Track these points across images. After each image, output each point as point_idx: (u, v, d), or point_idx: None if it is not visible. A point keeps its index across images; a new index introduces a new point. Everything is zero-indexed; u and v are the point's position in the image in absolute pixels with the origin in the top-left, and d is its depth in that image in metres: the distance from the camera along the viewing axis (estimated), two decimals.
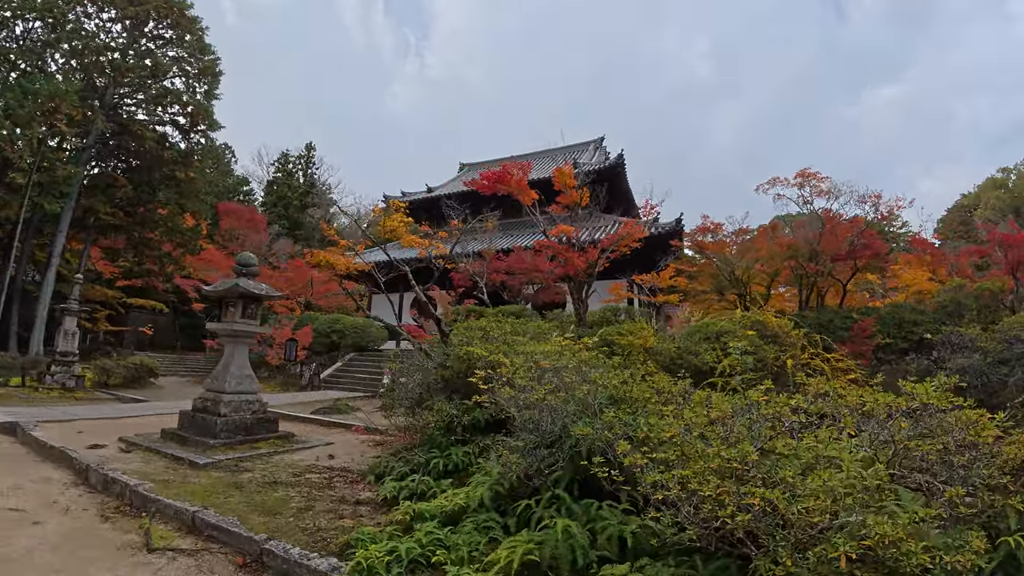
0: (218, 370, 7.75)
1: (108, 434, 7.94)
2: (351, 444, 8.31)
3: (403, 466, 5.98)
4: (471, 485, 4.82)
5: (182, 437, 7.19)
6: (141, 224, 21.54)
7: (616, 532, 3.53)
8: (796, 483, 2.75)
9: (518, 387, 4.72)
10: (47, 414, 9.42)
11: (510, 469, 4.32)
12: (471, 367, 7.19)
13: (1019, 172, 26.20)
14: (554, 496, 4.03)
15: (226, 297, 7.88)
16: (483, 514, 4.20)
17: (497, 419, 6.56)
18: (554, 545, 3.43)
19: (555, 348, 5.47)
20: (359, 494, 5.56)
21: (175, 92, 20.88)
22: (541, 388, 4.48)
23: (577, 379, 4.60)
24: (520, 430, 4.80)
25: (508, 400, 4.74)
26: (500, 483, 4.42)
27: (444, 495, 4.81)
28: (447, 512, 4.32)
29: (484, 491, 4.41)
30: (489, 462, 5.42)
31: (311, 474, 6.28)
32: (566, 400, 4.42)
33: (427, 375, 7.06)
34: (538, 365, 4.96)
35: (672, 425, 3.69)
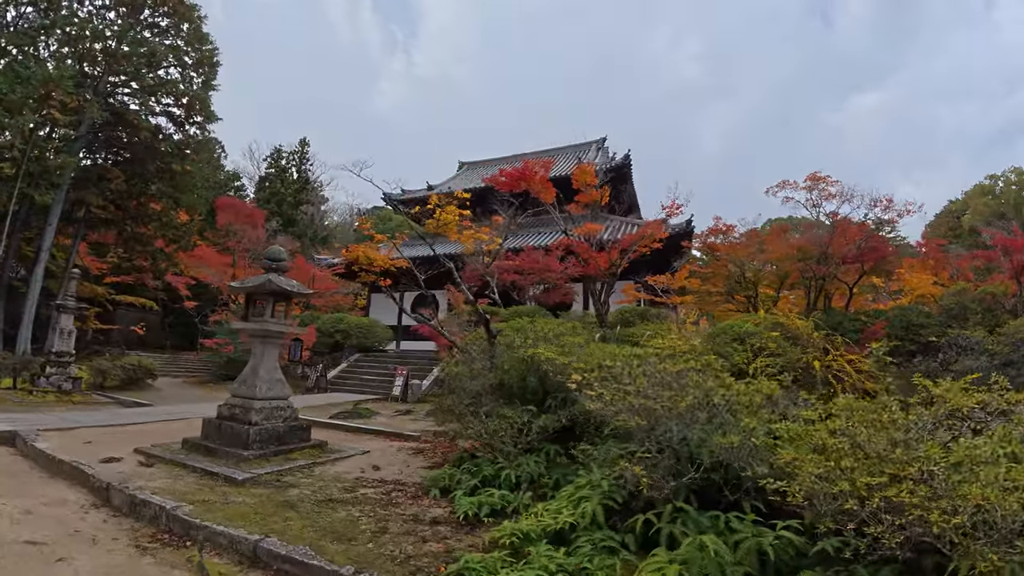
0: (246, 374, 6.98)
1: (119, 444, 7.11)
2: (388, 453, 7.63)
3: (470, 478, 5.45)
4: (565, 499, 4.34)
5: (209, 448, 6.41)
6: (133, 218, 20.33)
7: (754, 545, 3.25)
8: (998, 480, 2.62)
9: (637, 392, 4.18)
10: (46, 421, 8.50)
11: (629, 481, 3.88)
12: (536, 370, 6.62)
13: (1007, 179, 26.68)
14: (676, 509, 3.74)
15: (254, 294, 7.12)
16: (597, 532, 3.77)
17: (565, 426, 6.01)
18: (702, 564, 3.14)
19: (664, 349, 4.93)
20: (429, 511, 4.94)
21: (171, 82, 19.75)
22: (684, 396, 3.98)
23: (707, 384, 4.09)
24: (627, 439, 4.51)
25: (626, 406, 4.18)
26: (612, 497, 4.03)
27: (534, 511, 4.31)
28: (552, 531, 3.86)
29: (595, 506, 3.96)
30: (573, 473, 5.08)
31: (365, 489, 5.60)
32: (696, 407, 3.90)
33: (483, 380, 6.40)
34: (665, 370, 4.41)
35: (819, 431, 3.46)
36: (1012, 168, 26.69)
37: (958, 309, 17.24)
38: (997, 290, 16.81)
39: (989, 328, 15.87)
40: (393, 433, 8.94)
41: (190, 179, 20.84)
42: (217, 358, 19.08)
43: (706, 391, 4.16)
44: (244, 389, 6.81)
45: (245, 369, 7.07)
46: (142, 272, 22.70)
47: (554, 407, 6.35)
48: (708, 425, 4.09)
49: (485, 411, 6.32)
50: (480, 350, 7.44)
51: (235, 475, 5.53)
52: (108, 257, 22.57)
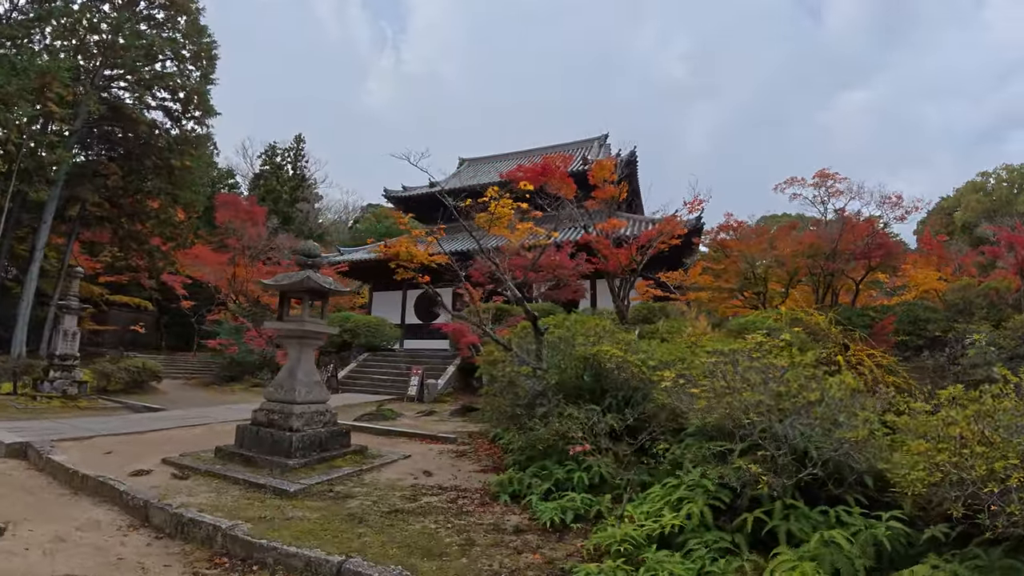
0: (282, 377, 6.48)
1: (143, 454, 6.57)
2: (430, 457, 7.19)
3: (541, 483, 5.12)
4: (659, 501, 4.14)
5: (246, 457, 5.91)
6: (130, 216, 19.50)
7: (869, 537, 3.26)
8: None
9: (744, 388, 3.90)
10: (56, 429, 7.88)
11: (738, 479, 3.77)
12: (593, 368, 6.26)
13: (998, 176, 27.03)
14: (786, 506, 3.64)
15: (289, 292, 6.63)
16: (707, 534, 3.66)
17: (630, 426, 5.66)
18: (831, 559, 3.10)
19: (750, 346, 4.59)
20: (507, 519, 4.58)
21: (169, 75, 18.94)
22: (807, 392, 3.92)
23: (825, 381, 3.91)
24: (717, 437, 4.47)
25: (738, 402, 3.90)
26: (717, 496, 3.91)
27: (623, 515, 4.21)
28: (657, 535, 3.71)
29: (701, 507, 3.82)
30: (645, 474, 4.98)
31: (427, 497, 5.20)
32: (815, 403, 3.86)
33: (542, 379, 6.00)
34: (774, 365, 4.15)
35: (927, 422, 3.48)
36: (1003, 165, 27.12)
37: (963, 304, 17.27)
38: (1000, 285, 16.87)
39: (994, 323, 15.88)
40: (426, 435, 8.50)
41: (189, 175, 20.04)
42: (220, 359, 18.36)
43: (824, 387, 3.99)
44: (281, 393, 6.32)
45: (280, 372, 6.57)
46: (138, 271, 21.82)
47: (615, 406, 6.02)
48: (821, 420, 3.94)
49: (543, 412, 5.94)
50: (527, 350, 7.02)
51: (285, 487, 5.05)
52: (101, 256, 21.66)
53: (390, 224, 45.54)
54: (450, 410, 11.71)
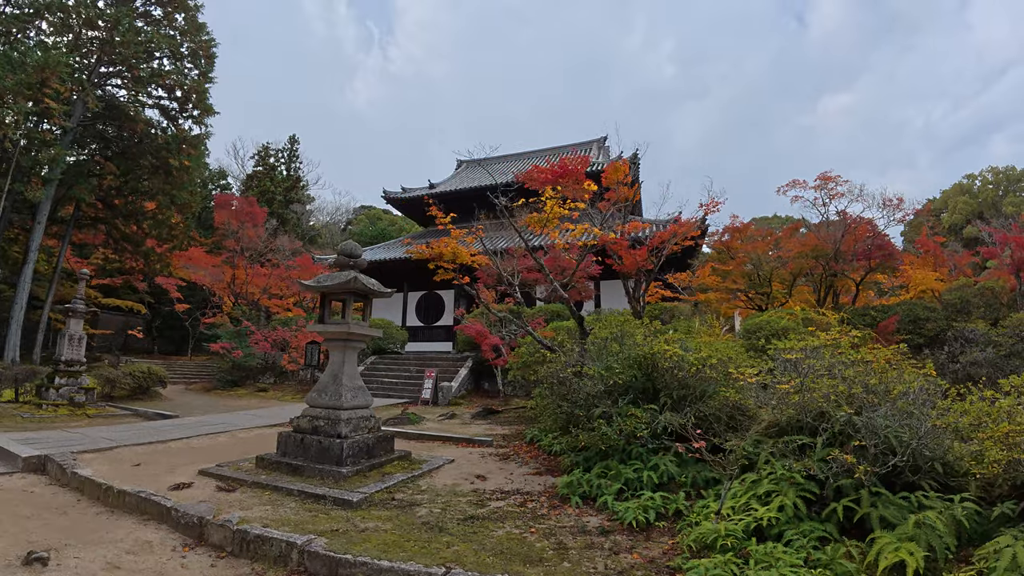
0: (325, 382, 6.18)
1: (175, 466, 6.21)
2: (474, 460, 6.97)
3: (610, 483, 5.07)
4: (744, 495, 4.23)
5: (293, 466, 5.60)
6: (125, 217, 18.79)
7: (949, 517, 3.48)
8: None
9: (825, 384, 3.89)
10: (72, 440, 7.44)
11: (832, 471, 3.90)
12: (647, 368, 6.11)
13: (984, 178, 27.74)
14: (872, 493, 3.81)
15: (331, 294, 6.34)
16: (802, 524, 3.79)
17: (688, 424, 5.54)
18: (926, 538, 3.31)
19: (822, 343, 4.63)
20: (586, 520, 4.45)
21: (167, 72, 18.32)
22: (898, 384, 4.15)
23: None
24: (788, 432, 4.65)
25: (818, 396, 4.19)
26: (807, 488, 4.02)
27: (705, 510, 4.27)
28: (753, 528, 3.82)
29: (793, 499, 3.93)
30: (709, 471, 5.03)
31: (494, 502, 5.01)
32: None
33: (598, 381, 5.82)
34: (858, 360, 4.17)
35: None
36: (989, 168, 27.80)
37: (961, 304, 17.61)
38: (996, 285, 17.24)
39: (991, 321, 16.19)
40: (460, 439, 8.25)
41: (187, 175, 19.41)
42: (221, 363, 17.80)
43: (907, 381, 4.20)
44: (326, 399, 6.02)
45: (323, 377, 6.26)
46: (131, 274, 21.07)
47: (669, 404, 5.90)
48: (899, 411, 4.11)
49: (600, 412, 5.77)
50: (581, 351, 6.82)
51: (347, 496, 4.77)
52: (92, 258, 20.87)
53: (384, 226, 45.02)
54: (471, 413, 11.46)
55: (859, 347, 5.29)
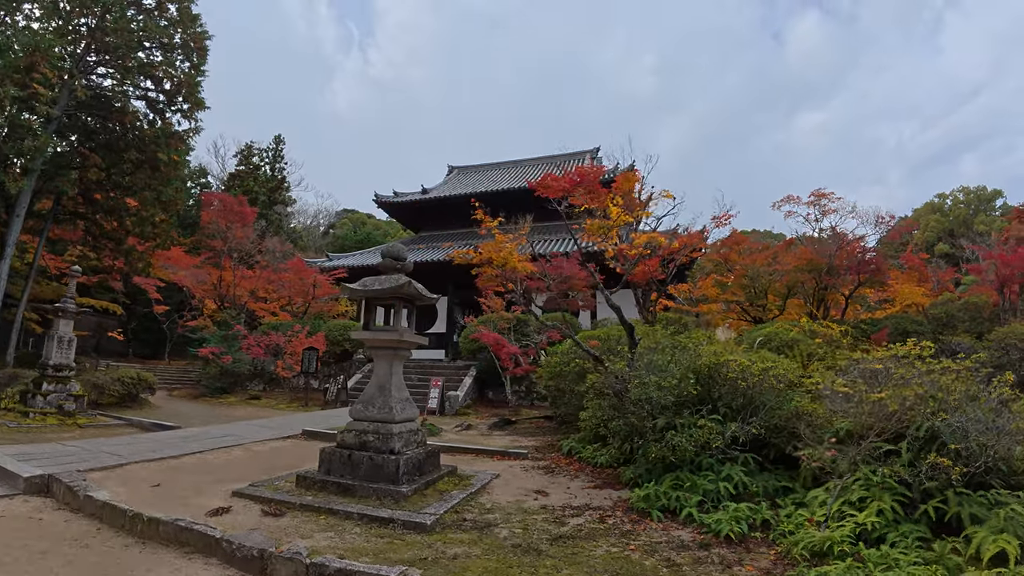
0: (371, 393, 5.74)
1: (200, 486, 5.62)
2: (518, 474, 6.65)
3: (689, 495, 4.95)
4: (836, 503, 4.28)
5: (342, 486, 5.14)
6: (107, 213, 17.66)
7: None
8: None
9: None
10: (71, 454, 6.72)
11: (923, 474, 4.07)
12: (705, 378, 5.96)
13: (955, 197, 29.09)
14: (957, 493, 4.02)
15: (377, 299, 5.92)
16: (900, 527, 3.95)
17: (756, 436, 5.50)
18: (1015, 530, 3.54)
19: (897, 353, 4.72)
20: (677, 535, 4.36)
21: (158, 64, 17.40)
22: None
23: None
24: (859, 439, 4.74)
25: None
26: (901, 493, 4.19)
27: (796, 518, 4.34)
28: (856, 533, 3.93)
29: (890, 503, 4.08)
30: (777, 480, 5.16)
31: (571, 519, 4.76)
32: None
33: (663, 392, 5.59)
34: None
35: None
36: (961, 187, 29.24)
37: (946, 318, 18.24)
38: (979, 300, 17.95)
39: (976, 334, 16.75)
40: (494, 452, 7.87)
41: (174, 171, 18.44)
42: (209, 369, 16.84)
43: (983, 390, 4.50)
44: (374, 411, 5.58)
45: (369, 388, 5.82)
46: (108, 272, 19.79)
47: (728, 415, 5.77)
48: (985, 417, 4.24)
49: (663, 424, 5.56)
50: (648, 363, 6.57)
51: (417, 519, 4.36)
52: (67, 255, 19.53)
53: (369, 231, 44.09)
54: (486, 424, 11.05)
55: (925, 358, 5.36)
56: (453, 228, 26.16)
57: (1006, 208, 27.83)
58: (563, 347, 9.23)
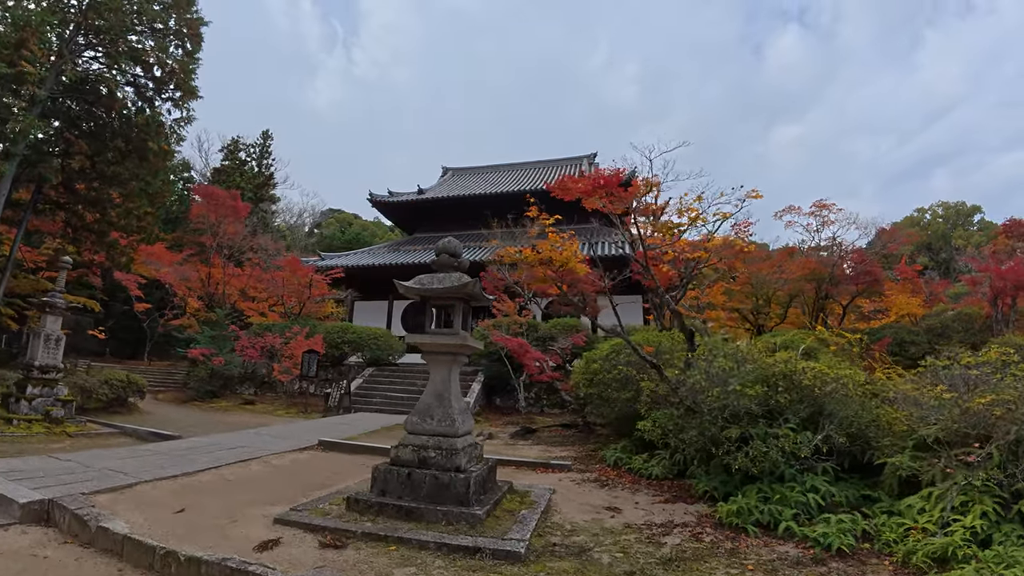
0: (428, 404, 5.12)
1: (231, 510, 4.89)
2: (571, 487, 6.21)
3: (781, 507, 4.67)
4: (936, 510, 4.21)
5: (404, 509, 4.51)
6: (91, 204, 16.43)
7: None
8: None
9: None
10: (65, 471, 5.84)
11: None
12: (772, 386, 5.63)
13: (934, 212, 29.97)
14: None
15: (435, 298, 5.32)
16: (1003, 526, 3.92)
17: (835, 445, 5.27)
18: None
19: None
20: (783, 550, 4.20)
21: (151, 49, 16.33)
22: None
23: None
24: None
25: None
26: (999, 495, 4.18)
27: (898, 528, 4.24)
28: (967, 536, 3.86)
29: (991, 505, 4.07)
30: (861, 489, 5.09)
31: (664, 538, 4.36)
32: None
33: (747, 401, 5.21)
34: None
35: None
36: (939, 202, 30.20)
37: (941, 328, 18.53)
38: (972, 312, 18.33)
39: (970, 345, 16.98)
40: (536, 463, 7.33)
41: (163, 161, 17.31)
42: (198, 371, 15.76)
43: None
44: (433, 424, 4.97)
45: (425, 398, 5.20)
46: (88, 267, 18.45)
47: (799, 422, 5.51)
48: None
49: (736, 434, 5.21)
50: (717, 371, 6.15)
51: (507, 547, 3.78)
52: (43, 248, 18.13)
53: (357, 231, 42.93)
54: (507, 432, 10.48)
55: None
56: (449, 230, 25.45)
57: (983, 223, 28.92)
58: (594, 353, 8.75)
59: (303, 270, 18.03)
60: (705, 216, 7.96)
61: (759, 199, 7.88)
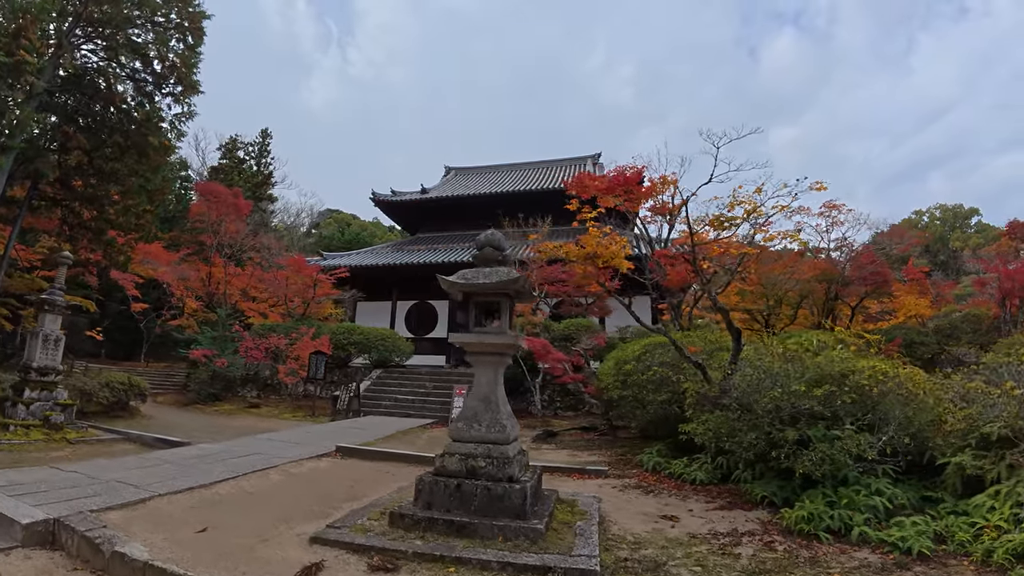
0: (474, 408, 4.68)
1: (259, 528, 4.39)
2: (614, 495, 5.90)
3: (850, 512, 4.47)
4: (1005, 507, 4.07)
5: (455, 524, 4.06)
6: (88, 201, 15.80)
7: None
8: None
9: None
10: (73, 485, 5.30)
11: None
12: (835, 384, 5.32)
13: (931, 214, 30.00)
14: None
15: (479, 294, 4.88)
16: None
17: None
18: None
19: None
20: (863, 557, 3.92)
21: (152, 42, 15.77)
22: None
23: None
24: None
25: None
26: None
27: (967, 525, 4.16)
28: None
29: None
30: (922, 489, 4.96)
31: (736, 548, 4.09)
32: None
33: (802, 399, 4.91)
34: None
35: None
36: (937, 205, 30.27)
37: (950, 329, 18.41)
38: (980, 313, 18.22)
39: (979, 345, 16.88)
40: (571, 469, 6.94)
41: (164, 157, 16.72)
42: (199, 372, 15.16)
43: None
44: (482, 431, 4.53)
45: (470, 401, 4.76)
46: (85, 266, 17.76)
47: (854, 423, 5.22)
48: None
49: (793, 436, 4.91)
50: (770, 372, 5.80)
51: (580, 564, 3.36)
52: (38, 247, 17.45)
53: (356, 231, 42.31)
54: (530, 436, 10.04)
55: None
56: (453, 230, 25.04)
57: (981, 226, 29.04)
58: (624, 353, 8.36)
59: (308, 269, 17.48)
60: (762, 209, 7.53)
61: (822, 190, 7.50)
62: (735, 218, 7.70)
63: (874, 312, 22.06)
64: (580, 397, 12.96)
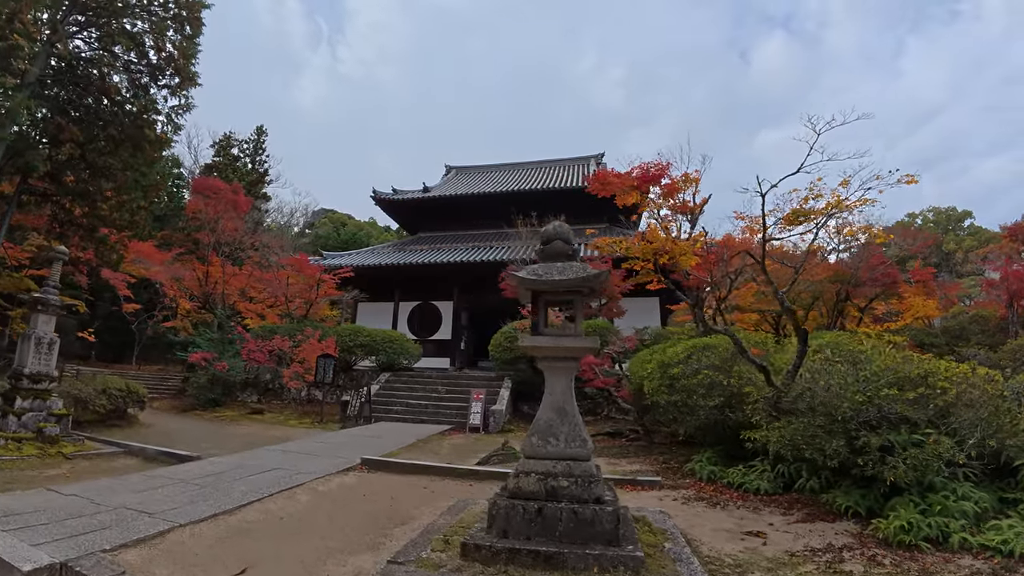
0: (549, 420, 4.10)
1: (304, 562, 3.78)
2: (680, 509, 5.52)
3: (943, 519, 4.26)
4: None
5: (542, 555, 3.48)
6: (80, 196, 14.92)
7: None
8: None
9: None
10: (76, 512, 4.60)
11: None
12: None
13: (925, 217, 30.12)
14: None
15: (550, 292, 4.32)
16: None
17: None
18: None
19: None
20: (970, 564, 3.77)
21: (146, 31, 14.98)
22: None
23: None
24: None
25: None
26: None
27: None
28: None
29: None
30: (998, 491, 4.71)
31: (839, 564, 3.84)
32: None
33: (891, 403, 4.49)
34: None
35: None
36: (931, 207, 30.37)
37: (959, 330, 18.29)
38: (988, 314, 18.13)
39: (987, 346, 16.74)
40: (623, 480, 6.41)
41: (159, 151, 15.91)
42: (198, 377, 14.33)
43: None
44: (560, 445, 3.96)
45: (543, 413, 4.17)
46: (75, 264, 16.80)
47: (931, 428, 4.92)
48: None
49: (877, 442, 4.67)
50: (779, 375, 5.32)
51: None
52: (26, 245, 16.44)
53: (353, 231, 41.38)
54: None
55: None
56: (454, 229, 24.45)
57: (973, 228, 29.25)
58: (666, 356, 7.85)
59: (310, 269, 16.72)
60: (847, 203, 7.09)
61: (912, 183, 7.06)
62: (812, 212, 7.21)
63: (880, 313, 21.93)
64: (598, 402, 12.43)
